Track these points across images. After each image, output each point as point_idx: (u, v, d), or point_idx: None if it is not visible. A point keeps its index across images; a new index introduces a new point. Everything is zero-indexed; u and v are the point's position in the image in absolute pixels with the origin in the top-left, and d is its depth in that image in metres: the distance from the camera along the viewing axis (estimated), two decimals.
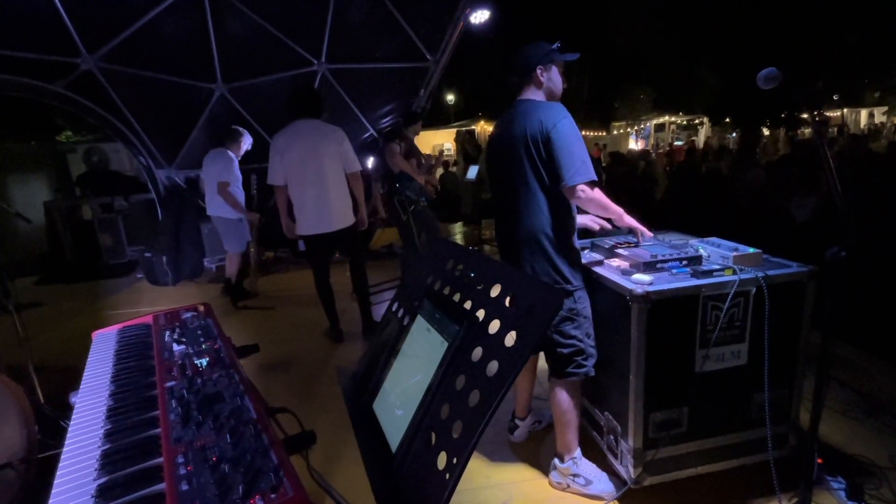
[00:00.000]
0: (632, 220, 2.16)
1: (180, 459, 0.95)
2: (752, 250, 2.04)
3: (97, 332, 1.70)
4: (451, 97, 24.27)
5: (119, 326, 1.72)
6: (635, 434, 1.96)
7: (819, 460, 1.99)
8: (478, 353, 1.04)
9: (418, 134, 5.57)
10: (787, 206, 4.94)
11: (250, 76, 5.90)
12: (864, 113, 24.23)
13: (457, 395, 1.02)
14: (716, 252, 2.13)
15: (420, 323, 1.30)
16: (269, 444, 0.97)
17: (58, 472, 0.97)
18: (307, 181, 3.56)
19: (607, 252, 2.27)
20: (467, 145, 13.00)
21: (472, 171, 7.90)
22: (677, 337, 1.91)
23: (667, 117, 23.16)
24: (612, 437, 2.14)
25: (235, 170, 5.18)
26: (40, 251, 7.01)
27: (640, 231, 2.23)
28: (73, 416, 1.17)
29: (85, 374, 1.39)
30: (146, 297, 5.55)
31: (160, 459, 0.98)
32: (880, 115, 23.88)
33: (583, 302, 2.06)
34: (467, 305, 1.18)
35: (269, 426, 1.04)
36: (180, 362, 1.35)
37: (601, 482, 2.13)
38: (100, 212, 6.94)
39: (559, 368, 2.09)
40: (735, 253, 2.02)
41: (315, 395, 3.17)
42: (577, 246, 2.09)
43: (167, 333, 1.55)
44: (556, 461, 2.20)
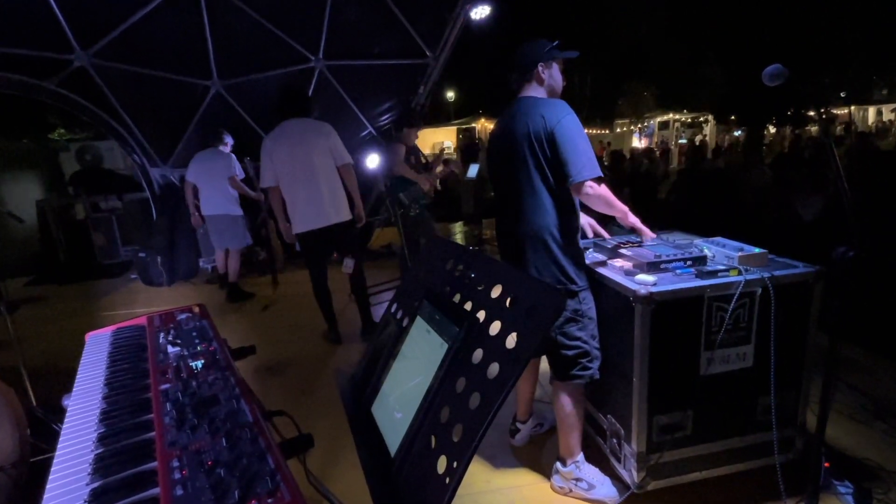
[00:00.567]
0: (635, 219, 2.16)
1: (175, 463, 0.95)
2: (757, 250, 2.04)
3: (90, 333, 1.69)
4: (451, 94, 24.29)
5: (113, 328, 1.72)
6: (639, 438, 1.96)
7: (826, 464, 1.99)
8: (478, 354, 1.04)
9: (417, 135, 5.58)
10: (793, 206, 4.94)
11: (247, 73, 5.90)
12: (871, 110, 24.22)
13: (457, 398, 1.02)
14: (720, 252, 2.13)
15: (419, 324, 1.30)
16: (265, 448, 0.97)
17: (50, 477, 0.97)
18: (297, 179, 3.56)
19: (610, 252, 2.27)
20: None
21: (473, 170, 7.88)
22: (681, 339, 1.91)
23: (671, 115, 23.13)
24: (615, 440, 2.14)
25: (238, 165, 5.24)
26: (32, 251, 7.01)
27: (643, 232, 2.24)
28: (66, 420, 1.17)
29: (78, 376, 1.39)
30: (140, 298, 5.55)
31: (154, 463, 0.97)
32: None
33: (587, 303, 2.06)
34: (468, 306, 1.18)
35: (265, 430, 1.04)
36: (175, 364, 1.35)
37: (604, 487, 2.13)
38: (93, 211, 6.94)
39: (563, 371, 2.09)
40: (740, 253, 2.02)
41: (312, 398, 3.17)
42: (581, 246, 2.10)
43: (162, 335, 1.55)
44: (558, 465, 2.20)
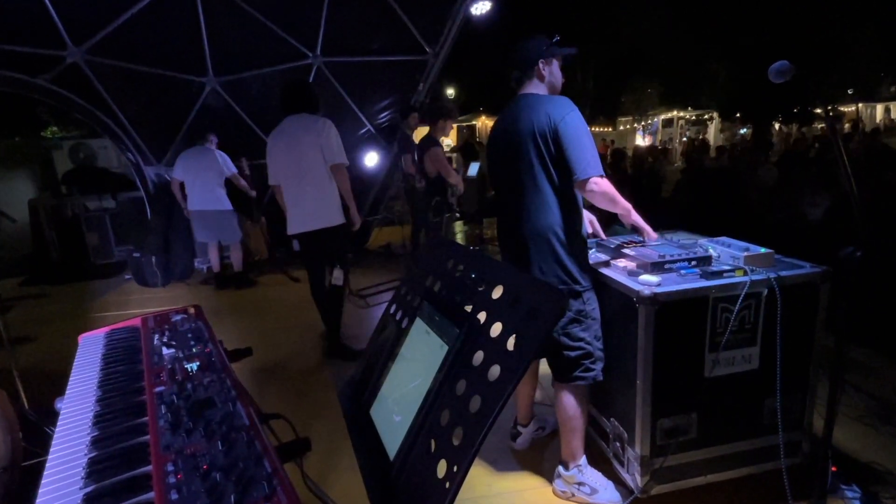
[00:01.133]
0: (638, 217, 2.16)
1: (170, 467, 0.95)
2: (763, 250, 2.04)
3: (83, 335, 1.69)
4: (451, 91, 24.29)
5: (106, 329, 1.72)
6: (642, 441, 1.96)
7: (833, 468, 1.99)
8: (479, 356, 1.04)
9: (415, 128, 5.62)
10: (799, 205, 4.95)
11: (243, 69, 5.90)
12: (879, 108, 24.22)
13: (457, 401, 1.02)
14: (726, 252, 2.13)
15: (419, 325, 1.30)
16: (262, 452, 0.97)
17: (43, 481, 0.97)
18: (289, 179, 3.52)
19: (613, 252, 2.27)
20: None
21: (473, 168, 7.90)
22: (686, 340, 1.91)
23: (675, 112, 23.13)
24: (618, 444, 2.14)
25: (230, 161, 5.30)
26: (25, 251, 7.01)
27: (646, 231, 2.23)
28: (59, 423, 1.17)
29: (71, 378, 1.39)
30: (134, 299, 5.55)
31: (149, 467, 0.97)
32: None
33: (591, 303, 2.07)
34: (468, 307, 1.18)
35: (261, 433, 1.04)
36: (170, 366, 1.35)
37: (607, 491, 2.13)
38: (86, 210, 6.94)
39: (566, 372, 2.09)
40: (746, 253, 2.02)
41: (310, 401, 3.17)
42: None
43: (156, 336, 1.54)
44: (560, 469, 2.20)
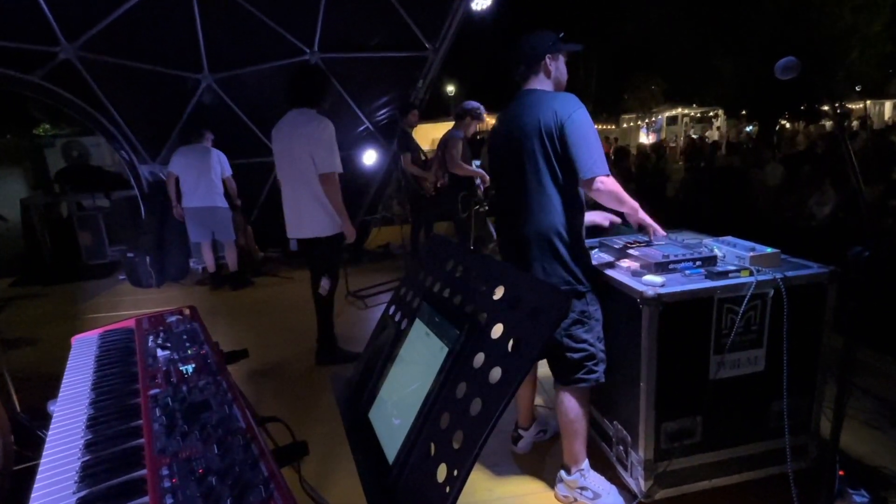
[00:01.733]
0: (645, 216, 2.16)
1: (165, 471, 0.95)
2: (769, 250, 2.04)
3: (77, 336, 1.69)
4: (451, 88, 24.31)
5: (100, 331, 1.72)
6: (646, 445, 1.97)
7: (841, 472, 1.99)
8: (479, 358, 1.04)
9: (415, 126, 5.62)
10: (806, 204, 4.95)
11: (239, 66, 5.90)
12: (888, 105, 24.18)
13: (457, 404, 1.02)
14: (731, 252, 2.13)
15: (418, 327, 1.30)
16: (258, 456, 0.97)
17: (35, 486, 0.97)
18: (285, 180, 3.48)
19: (617, 252, 2.27)
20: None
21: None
22: (691, 342, 1.91)
23: (679, 109, 23.11)
24: (621, 447, 2.14)
25: (227, 161, 5.34)
26: (16, 251, 7.01)
27: (653, 229, 2.23)
28: (52, 426, 1.17)
29: (64, 381, 1.39)
30: (128, 300, 5.55)
31: (143, 471, 0.98)
32: None
33: (594, 304, 2.07)
34: (468, 309, 1.18)
35: (258, 436, 1.04)
36: (165, 369, 1.35)
37: (610, 496, 2.13)
38: (79, 210, 6.94)
39: (568, 375, 2.09)
40: (752, 253, 2.02)
41: (307, 404, 3.17)
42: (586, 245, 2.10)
43: (151, 338, 1.55)
44: (562, 473, 2.20)
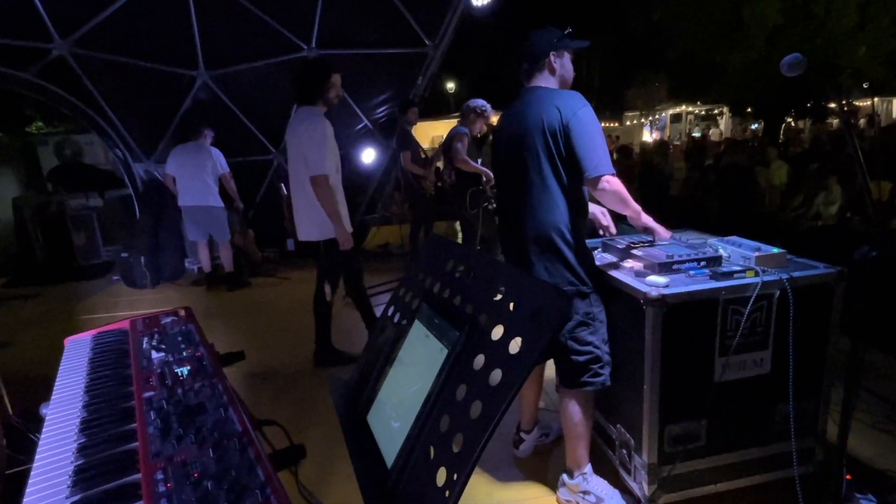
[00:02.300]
0: (649, 219, 2.15)
1: (159, 475, 0.95)
2: (775, 250, 2.04)
3: (70, 338, 1.69)
4: (451, 85, 24.31)
5: (94, 332, 1.72)
6: (650, 448, 1.97)
7: (848, 476, 1.99)
8: (480, 360, 1.04)
9: (414, 124, 5.62)
10: (812, 203, 4.95)
11: (235, 63, 5.91)
12: None
13: (457, 406, 1.02)
14: (736, 252, 2.13)
15: (418, 328, 1.30)
16: (255, 459, 0.97)
17: (27, 490, 0.97)
18: (290, 179, 3.51)
19: (621, 253, 2.27)
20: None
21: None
22: (695, 343, 1.91)
23: (684, 107, 23.11)
24: (624, 451, 2.14)
25: (224, 160, 5.37)
26: (9, 251, 7.01)
27: (658, 232, 2.22)
28: (44, 429, 1.17)
29: (57, 383, 1.39)
30: (123, 301, 5.55)
31: (138, 476, 0.98)
32: None
33: (599, 305, 2.07)
34: (468, 309, 1.18)
35: (255, 440, 1.04)
36: (159, 371, 1.35)
37: (613, 500, 2.13)
38: (73, 209, 6.94)
39: (573, 378, 2.09)
40: (757, 253, 2.02)
41: (305, 407, 3.17)
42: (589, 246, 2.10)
43: (145, 340, 1.55)
44: (564, 477, 2.20)
